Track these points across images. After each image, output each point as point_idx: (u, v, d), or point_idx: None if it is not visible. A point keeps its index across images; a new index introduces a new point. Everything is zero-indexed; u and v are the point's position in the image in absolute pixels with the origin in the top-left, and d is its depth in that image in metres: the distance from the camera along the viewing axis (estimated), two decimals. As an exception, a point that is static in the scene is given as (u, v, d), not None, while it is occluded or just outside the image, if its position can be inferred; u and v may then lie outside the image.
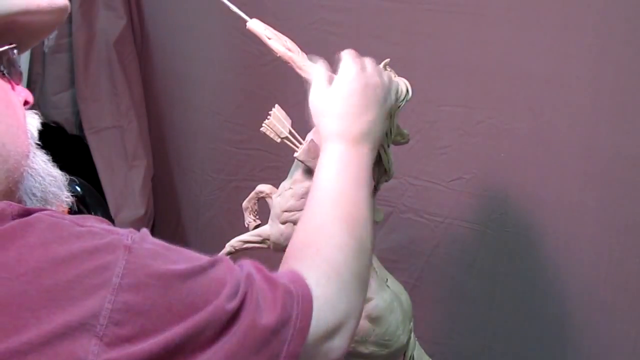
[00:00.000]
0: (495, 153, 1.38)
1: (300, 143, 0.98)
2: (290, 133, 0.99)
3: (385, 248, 1.49)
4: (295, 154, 0.98)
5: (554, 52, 1.28)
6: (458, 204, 1.44)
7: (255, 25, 0.95)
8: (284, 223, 1.01)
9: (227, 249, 1.11)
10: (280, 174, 1.05)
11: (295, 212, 0.99)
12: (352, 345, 1.03)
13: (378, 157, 0.96)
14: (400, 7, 1.40)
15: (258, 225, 1.11)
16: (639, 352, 1.31)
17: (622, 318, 1.31)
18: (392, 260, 1.47)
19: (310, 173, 0.97)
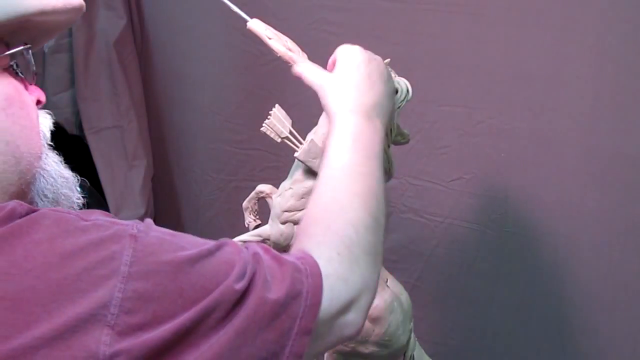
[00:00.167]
0: (495, 153, 1.38)
1: (301, 143, 0.98)
2: (291, 133, 0.99)
3: (385, 248, 1.47)
4: (296, 154, 0.98)
5: (554, 52, 1.28)
6: (458, 204, 1.44)
7: (256, 25, 0.94)
8: (284, 223, 1.01)
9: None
10: (280, 174, 1.05)
11: (296, 212, 0.99)
12: (351, 345, 1.04)
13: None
14: (400, 7, 1.40)
15: (258, 225, 1.11)
16: (639, 352, 1.31)
17: (622, 318, 1.31)
18: (392, 260, 1.47)
19: (311, 173, 0.97)
